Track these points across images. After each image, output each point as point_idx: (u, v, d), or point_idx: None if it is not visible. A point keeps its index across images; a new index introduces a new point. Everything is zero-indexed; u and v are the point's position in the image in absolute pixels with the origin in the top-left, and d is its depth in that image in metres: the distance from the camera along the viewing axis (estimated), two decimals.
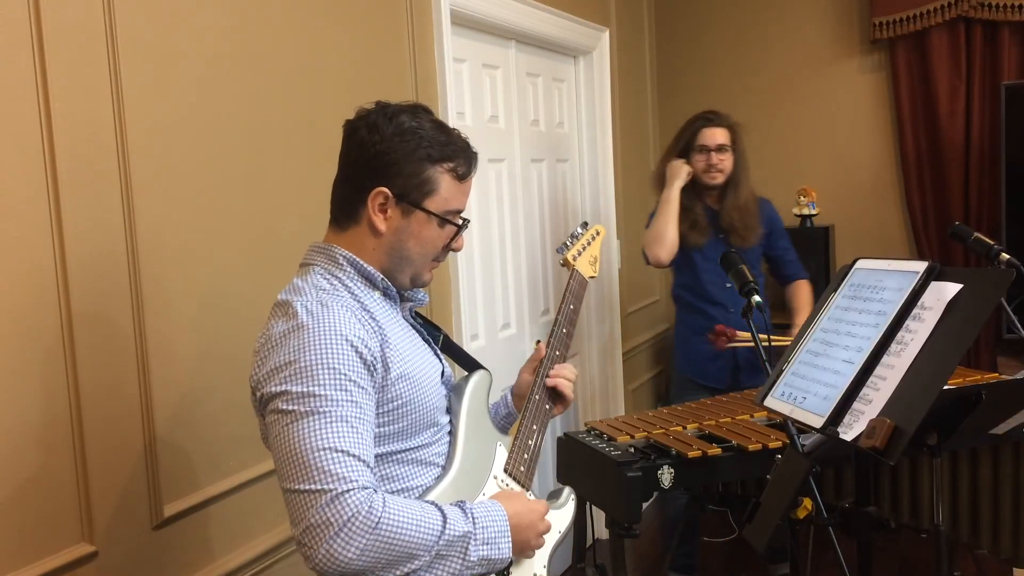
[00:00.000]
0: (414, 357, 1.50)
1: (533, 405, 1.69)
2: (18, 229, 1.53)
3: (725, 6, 4.45)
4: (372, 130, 1.47)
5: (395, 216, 1.48)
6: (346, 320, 1.39)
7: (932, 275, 1.54)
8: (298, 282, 1.47)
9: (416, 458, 1.50)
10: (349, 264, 1.48)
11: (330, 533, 1.26)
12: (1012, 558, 2.48)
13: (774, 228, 3.36)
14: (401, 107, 1.50)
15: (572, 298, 1.84)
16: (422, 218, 1.49)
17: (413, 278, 1.55)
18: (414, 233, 1.49)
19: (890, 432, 1.38)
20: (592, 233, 2.00)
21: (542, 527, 1.53)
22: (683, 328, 3.45)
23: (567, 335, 1.79)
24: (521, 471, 1.62)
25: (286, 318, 1.40)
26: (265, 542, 2.03)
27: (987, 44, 3.90)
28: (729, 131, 3.26)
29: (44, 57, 1.56)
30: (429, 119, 1.50)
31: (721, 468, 2.30)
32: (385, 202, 1.47)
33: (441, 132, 1.50)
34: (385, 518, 1.30)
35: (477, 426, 1.60)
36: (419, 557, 1.33)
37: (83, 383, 1.62)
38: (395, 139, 1.46)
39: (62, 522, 1.60)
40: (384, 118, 1.47)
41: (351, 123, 1.51)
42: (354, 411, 1.35)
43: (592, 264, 1.95)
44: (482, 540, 1.40)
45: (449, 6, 2.74)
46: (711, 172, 3.24)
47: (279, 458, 1.33)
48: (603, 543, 2.73)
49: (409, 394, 1.46)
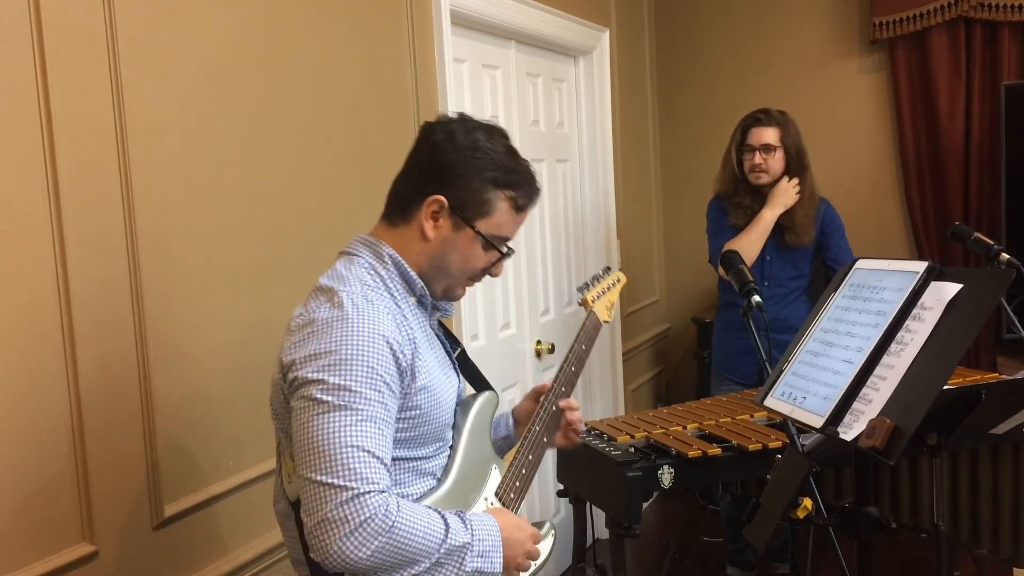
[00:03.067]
0: (437, 372, 1.51)
1: (533, 436, 1.69)
2: (18, 229, 1.53)
3: (725, 6, 4.45)
4: (448, 138, 1.48)
5: (446, 226, 1.49)
6: (388, 321, 1.40)
7: (932, 275, 1.54)
8: (342, 270, 1.47)
9: (417, 468, 1.50)
10: (393, 264, 1.49)
11: (345, 531, 1.28)
12: (1012, 558, 2.49)
13: (827, 228, 3.31)
14: (480, 124, 1.52)
15: (585, 338, 1.84)
16: (470, 236, 1.50)
17: (447, 290, 1.56)
18: (459, 248, 1.50)
19: (890, 432, 1.38)
20: (613, 279, 2.02)
21: (531, 548, 1.53)
22: (720, 323, 3.47)
23: (575, 374, 1.79)
24: (511, 497, 1.62)
25: (331, 305, 1.40)
26: (265, 542, 2.03)
27: (987, 44, 3.89)
28: (779, 130, 3.21)
29: (44, 57, 1.56)
30: (504, 143, 1.52)
31: (721, 468, 2.30)
32: (439, 210, 1.48)
33: (512, 159, 1.51)
34: (399, 522, 1.31)
35: (477, 446, 1.61)
36: (420, 563, 1.35)
37: (83, 383, 1.62)
38: (466, 152, 1.47)
39: (62, 522, 1.60)
40: (462, 130, 1.49)
41: (429, 125, 1.53)
42: (383, 413, 1.36)
43: (608, 309, 1.96)
44: (478, 552, 1.41)
45: (449, 6, 2.74)
46: (755, 172, 3.22)
47: (303, 445, 1.33)
48: (603, 543, 2.73)
49: (428, 406, 1.47)
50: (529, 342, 3.45)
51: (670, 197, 4.69)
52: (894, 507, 2.45)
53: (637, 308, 4.32)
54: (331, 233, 2.12)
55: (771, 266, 3.28)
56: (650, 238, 4.58)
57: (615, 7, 4.02)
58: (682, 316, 4.67)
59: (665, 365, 4.75)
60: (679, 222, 4.59)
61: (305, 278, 1.58)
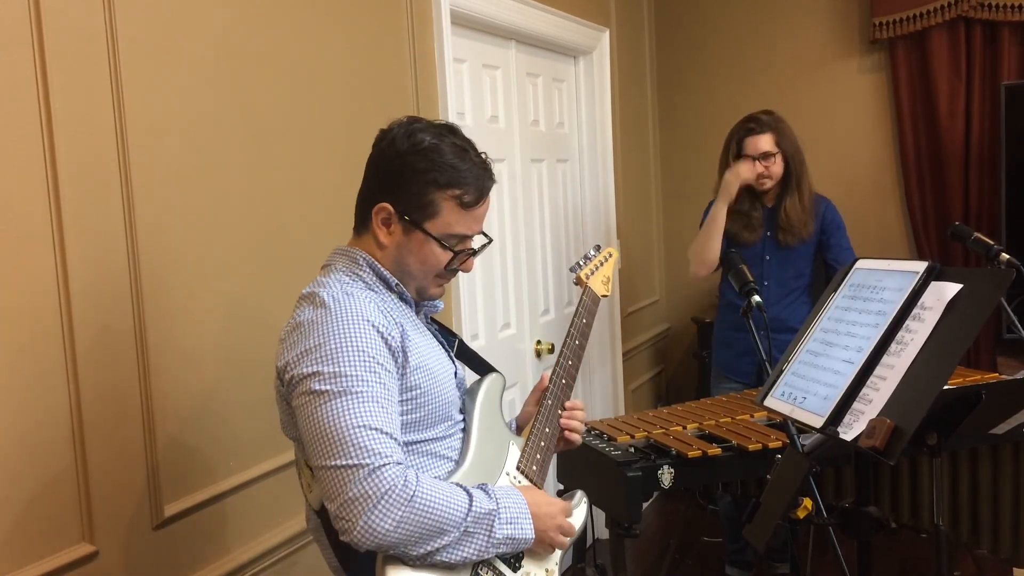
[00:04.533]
0: (429, 353, 1.53)
1: (546, 409, 1.70)
2: (18, 229, 1.53)
3: (725, 6, 4.45)
4: (391, 144, 1.51)
5: (397, 231, 1.52)
6: (371, 308, 1.44)
7: (932, 275, 1.54)
8: (321, 278, 1.52)
9: (430, 450, 1.52)
10: (368, 265, 1.53)
11: (368, 505, 1.30)
12: (1012, 558, 2.49)
13: (828, 227, 3.30)
14: (427, 125, 1.52)
15: (585, 312, 1.84)
16: (421, 238, 1.52)
17: (419, 291, 1.58)
18: (414, 251, 1.53)
19: (890, 432, 1.38)
20: (605, 255, 2.02)
21: (562, 522, 1.54)
22: (720, 323, 3.47)
23: (579, 347, 1.80)
24: (534, 470, 1.63)
25: (313, 306, 1.44)
26: (265, 542, 2.03)
27: (987, 44, 3.89)
28: (774, 135, 3.22)
29: (44, 57, 1.56)
30: (452, 141, 1.51)
31: (721, 468, 2.30)
32: (388, 217, 1.51)
33: (458, 157, 1.50)
34: (419, 492, 1.34)
35: (491, 424, 1.62)
36: (448, 533, 1.37)
37: (83, 383, 1.62)
38: (408, 157, 1.48)
39: (62, 522, 1.60)
40: (404, 133, 1.50)
41: (381, 132, 1.55)
42: (383, 392, 1.39)
43: (605, 284, 1.96)
44: (506, 519, 1.43)
45: (449, 6, 2.74)
46: (760, 180, 3.22)
47: (312, 437, 1.36)
48: (603, 543, 2.73)
49: (427, 384, 1.49)
50: (529, 342, 3.45)
51: (670, 197, 4.69)
52: (894, 507, 2.45)
53: (637, 308, 4.32)
54: (331, 233, 2.12)
55: (771, 266, 3.28)
56: (650, 238, 4.58)
57: (615, 7, 4.02)
58: (682, 316, 4.67)
59: (665, 365, 4.75)
60: (679, 222, 4.59)
61: (305, 278, 1.58)
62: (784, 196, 3.24)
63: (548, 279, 3.63)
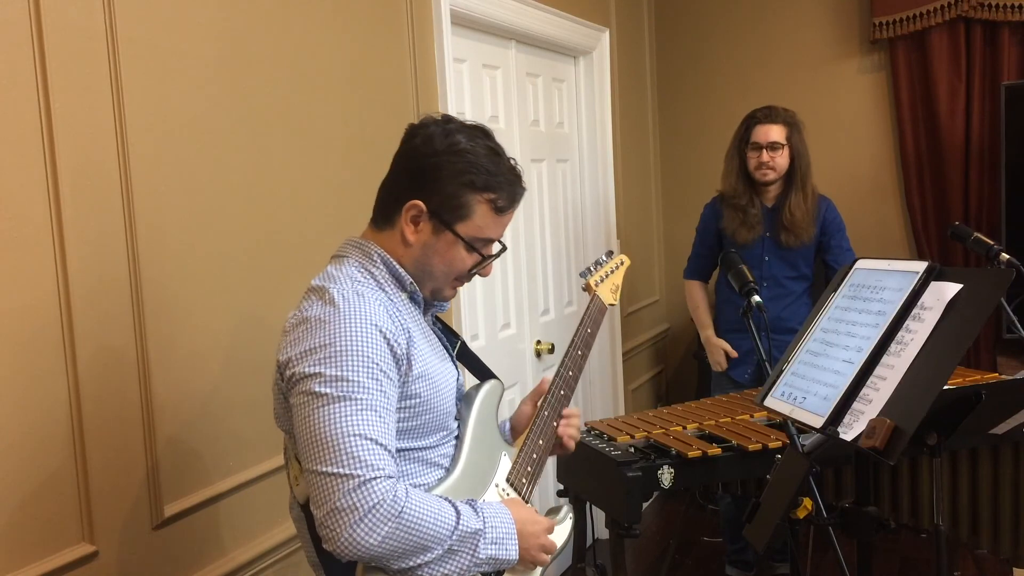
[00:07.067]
0: (434, 360, 1.52)
1: (542, 420, 1.69)
2: (18, 229, 1.53)
3: (725, 6, 4.45)
4: (426, 142, 1.48)
5: (426, 231, 1.50)
6: (380, 312, 1.41)
7: (932, 275, 1.54)
8: (332, 270, 1.49)
9: (423, 458, 1.51)
10: (382, 262, 1.50)
11: (355, 518, 1.28)
12: (1012, 558, 2.49)
13: (828, 228, 3.30)
14: (462, 126, 1.51)
15: (590, 322, 1.83)
16: (450, 239, 1.50)
17: (434, 292, 1.56)
18: (440, 251, 1.51)
19: (890, 432, 1.38)
20: (616, 262, 2.00)
21: (545, 542, 1.53)
22: (720, 322, 3.48)
23: (581, 357, 1.78)
24: (523, 482, 1.62)
25: (322, 302, 1.41)
26: (265, 542, 2.03)
27: (987, 44, 3.89)
28: (785, 127, 3.20)
29: (44, 57, 1.56)
30: (486, 144, 1.51)
31: (721, 468, 2.30)
32: (419, 215, 1.49)
33: (492, 161, 1.50)
34: (408, 508, 1.32)
35: (484, 433, 1.61)
36: (432, 550, 1.35)
37: (83, 383, 1.62)
38: (444, 156, 1.47)
39: (62, 522, 1.60)
40: (441, 132, 1.48)
41: (411, 128, 1.53)
42: (383, 401, 1.37)
43: (613, 292, 1.95)
44: (491, 539, 1.42)
45: (449, 6, 2.74)
46: (762, 169, 3.20)
47: (306, 439, 1.34)
48: (603, 543, 2.73)
49: (427, 394, 1.47)
50: (529, 342, 3.44)
51: (670, 197, 4.69)
52: (894, 507, 2.45)
53: (637, 308, 4.32)
54: (331, 233, 2.12)
55: (771, 266, 3.28)
56: (650, 238, 4.58)
57: (615, 7, 4.02)
58: (682, 316, 4.66)
59: (665, 365, 4.75)
60: (679, 222, 4.59)
61: (305, 278, 1.58)
62: (788, 195, 3.24)
63: (548, 279, 3.63)
